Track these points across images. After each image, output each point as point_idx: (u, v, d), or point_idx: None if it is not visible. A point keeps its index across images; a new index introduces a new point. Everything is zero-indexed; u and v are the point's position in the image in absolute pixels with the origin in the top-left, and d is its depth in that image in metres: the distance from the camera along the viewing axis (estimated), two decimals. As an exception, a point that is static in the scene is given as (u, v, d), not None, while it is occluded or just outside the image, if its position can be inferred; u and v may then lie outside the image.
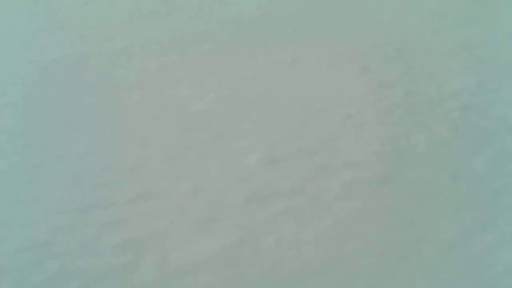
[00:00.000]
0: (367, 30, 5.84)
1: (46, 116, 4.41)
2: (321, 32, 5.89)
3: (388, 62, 5.10)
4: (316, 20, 6.25)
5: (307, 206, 3.21)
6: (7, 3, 7.58)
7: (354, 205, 3.20)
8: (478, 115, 4.11)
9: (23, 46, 5.96)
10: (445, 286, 2.65)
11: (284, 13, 6.55)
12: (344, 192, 3.31)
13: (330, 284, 2.68)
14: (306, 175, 3.49)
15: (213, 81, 4.85)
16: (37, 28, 6.52)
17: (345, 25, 6.04)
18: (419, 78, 4.76)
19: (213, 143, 3.88)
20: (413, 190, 3.31)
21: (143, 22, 6.55)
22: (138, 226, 3.12)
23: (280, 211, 3.17)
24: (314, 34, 5.83)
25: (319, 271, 2.75)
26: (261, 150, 3.77)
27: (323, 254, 2.85)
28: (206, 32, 6.07)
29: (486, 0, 6.50)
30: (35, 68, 5.36)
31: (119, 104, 4.55)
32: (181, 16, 6.71)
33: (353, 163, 3.59)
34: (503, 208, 3.13)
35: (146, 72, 5.16)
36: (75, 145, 3.95)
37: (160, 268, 2.81)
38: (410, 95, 4.46)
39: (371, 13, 6.35)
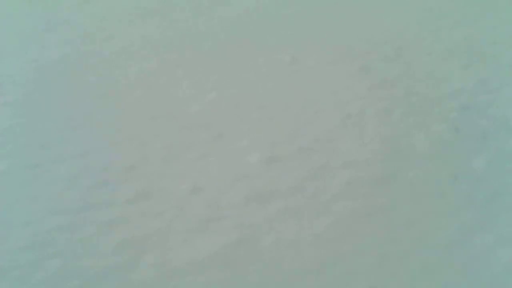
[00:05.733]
0: (367, 30, 5.84)
1: (45, 116, 4.41)
2: (321, 32, 5.89)
3: (388, 62, 5.10)
4: (316, 20, 6.25)
5: (307, 206, 3.21)
6: (7, 3, 7.58)
7: (353, 204, 3.20)
8: (478, 115, 4.11)
9: (23, 46, 5.96)
10: (445, 285, 2.65)
11: (284, 13, 6.55)
12: (343, 192, 3.31)
13: (330, 283, 2.68)
14: (306, 174, 3.48)
15: (213, 81, 4.85)
16: (37, 28, 6.52)
17: (345, 25, 6.04)
18: (419, 78, 4.76)
19: (213, 143, 3.88)
20: (413, 190, 3.31)
21: (143, 22, 6.55)
22: (138, 225, 3.12)
23: (280, 210, 3.17)
24: (314, 34, 5.83)
25: (319, 271, 2.74)
26: (261, 150, 3.76)
27: (323, 254, 2.85)
28: (206, 32, 6.07)
29: (486, 0, 6.50)
30: (35, 67, 5.36)
31: (118, 103, 4.54)
32: (181, 16, 6.71)
33: (352, 162, 3.58)
34: (503, 208, 3.13)
35: (146, 71, 5.16)
36: (75, 145, 3.94)
37: (159, 267, 2.81)
38: (410, 95, 4.46)
39: (371, 13, 6.35)
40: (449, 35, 5.59)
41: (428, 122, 4.02)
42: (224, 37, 5.88)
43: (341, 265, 2.77)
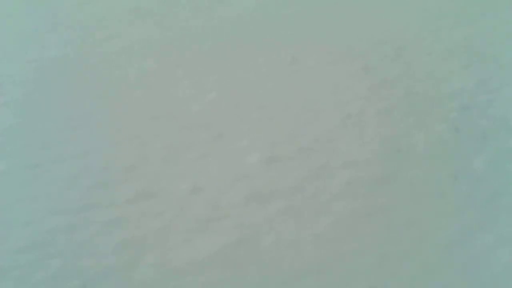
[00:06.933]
0: (367, 29, 5.84)
1: (45, 116, 4.41)
2: (321, 31, 5.89)
3: (388, 61, 5.09)
4: (316, 20, 6.25)
5: (307, 206, 3.21)
6: (7, 3, 7.58)
7: (353, 204, 3.20)
8: (478, 115, 4.11)
9: (23, 46, 5.96)
10: (445, 286, 2.65)
11: (284, 13, 6.54)
12: (343, 192, 3.31)
13: (330, 283, 2.68)
14: (306, 174, 3.48)
15: (213, 81, 4.85)
16: (37, 28, 6.52)
17: (345, 24, 6.04)
18: (419, 78, 4.76)
19: (213, 143, 3.88)
20: (413, 190, 3.31)
21: (143, 22, 6.55)
22: (138, 225, 3.12)
23: (280, 210, 3.17)
24: (314, 34, 5.83)
25: (319, 271, 2.74)
26: (261, 150, 3.76)
27: (323, 254, 2.85)
28: (206, 32, 6.07)
29: (486, 0, 6.50)
30: (35, 67, 5.36)
31: (118, 103, 4.54)
32: (181, 16, 6.71)
33: (352, 162, 3.58)
34: (503, 208, 3.13)
35: (146, 71, 5.16)
36: (75, 145, 3.94)
37: (159, 267, 2.81)
38: (410, 95, 4.46)
39: (371, 13, 6.35)
40: (449, 35, 5.59)
41: (428, 122, 4.02)
42: (224, 37, 5.88)
43: (341, 265, 2.77)
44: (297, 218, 3.11)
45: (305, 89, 4.63)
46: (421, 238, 2.92)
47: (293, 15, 6.47)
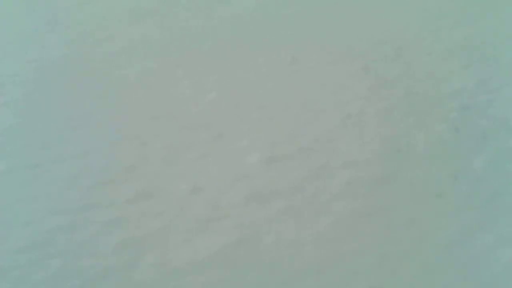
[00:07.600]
0: (367, 29, 5.84)
1: (45, 116, 4.41)
2: (321, 32, 5.89)
3: (388, 62, 5.10)
4: (316, 20, 6.25)
5: (307, 206, 3.21)
6: (7, 3, 7.58)
7: (353, 204, 3.20)
8: (478, 115, 4.11)
9: (23, 46, 5.96)
10: (445, 286, 2.65)
11: (284, 13, 6.54)
12: (343, 192, 3.31)
13: (330, 283, 2.68)
14: (306, 174, 3.49)
15: (213, 81, 4.85)
16: (37, 28, 6.52)
17: (345, 25, 6.04)
18: (419, 78, 4.76)
19: (213, 143, 3.88)
20: (413, 190, 3.31)
21: (143, 22, 6.55)
22: (138, 225, 3.12)
23: (280, 211, 3.17)
24: (314, 34, 5.83)
25: (319, 271, 2.74)
26: (261, 150, 3.76)
27: (323, 254, 2.85)
28: (206, 32, 6.07)
29: (486, 0, 6.50)
30: (35, 67, 5.36)
31: (119, 103, 4.55)
32: (181, 16, 6.71)
33: (352, 162, 3.58)
34: (503, 208, 3.13)
35: (146, 71, 5.16)
36: (75, 145, 3.94)
37: (159, 267, 2.81)
38: (410, 95, 4.46)
39: (371, 13, 6.35)
40: (449, 35, 5.59)
41: (428, 122, 4.02)
42: (224, 37, 5.88)
43: (341, 265, 2.77)
44: (297, 218, 3.11)
45: (305, 89, 4.63)
46: (421, 238, 2.92)
47: (293, 15, 6.47)
